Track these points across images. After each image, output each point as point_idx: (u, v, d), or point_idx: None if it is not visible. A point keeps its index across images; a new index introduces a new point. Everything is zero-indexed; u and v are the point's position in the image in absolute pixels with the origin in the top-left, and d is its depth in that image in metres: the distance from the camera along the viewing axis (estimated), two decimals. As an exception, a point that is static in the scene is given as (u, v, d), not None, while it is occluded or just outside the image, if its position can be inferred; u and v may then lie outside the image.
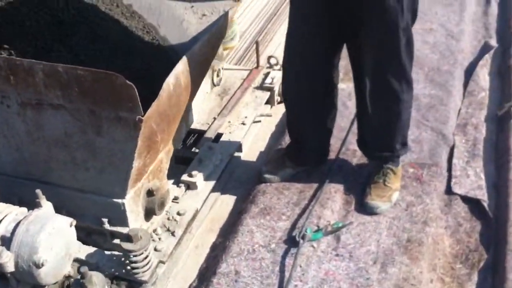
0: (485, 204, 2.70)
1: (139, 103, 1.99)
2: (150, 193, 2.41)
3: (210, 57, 2.78)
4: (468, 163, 2.92)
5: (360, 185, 2.74)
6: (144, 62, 2.74)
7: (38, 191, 2.15)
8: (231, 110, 3.19)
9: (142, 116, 2.00)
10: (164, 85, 2.19)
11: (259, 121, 3.23)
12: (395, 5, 2.27)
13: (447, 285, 2.40)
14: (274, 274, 2.36)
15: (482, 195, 2.74)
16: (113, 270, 2.28)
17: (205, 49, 2.62)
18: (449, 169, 2.87)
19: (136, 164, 2.18)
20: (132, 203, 2.33)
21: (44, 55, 2.50)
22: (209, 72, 3.20)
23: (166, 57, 2.84)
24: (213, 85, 3.31)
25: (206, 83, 3.22)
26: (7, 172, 2.40)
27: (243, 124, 3.12)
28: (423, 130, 3.11)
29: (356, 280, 2.32)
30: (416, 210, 2.64)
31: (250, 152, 3.07)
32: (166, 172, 2.55)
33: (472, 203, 2.72)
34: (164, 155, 2.49)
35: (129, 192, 2.28)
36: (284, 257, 2.42)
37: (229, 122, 3.14)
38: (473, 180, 2.82)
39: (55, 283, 2.18)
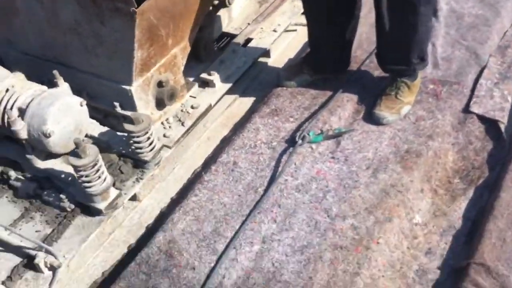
0: (502, 126, 2.70)
1: None
2: (160, 84, 2.66)
3: None
4: (496, 85, 2.89)
5: (374, 97, 2.81)
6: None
7: (55, 72, 2.46)
8: (266, 17, 3.33)
9: (136, 8, 2.22)
10: None
11: (295, 30, 3.34)
12: None
13: (439, 197, 2.49)
14: (269, 168, 2.56)
15: (502, 117, 2.73)
16: (121, 148, 2.58)
17: None
18: (473, 89, 2.86)
19: (139, 54, 2.43)
20: (140, 91, 2.60)
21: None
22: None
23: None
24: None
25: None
26: (38, 55, 2.75)
27: (275, 31, 3.25)
28: (456, 49, 3.08)
29: (344, 181, 2.47)
30: (425, 124, 2.69)
31: (278, 59, 3.21)
32: (182, 68, 2.77)
33: (489, 124, 2.73)
34: (179, 51, 2.72)
35: (136, 80, 2.55)
36: (282, 154, 2.61)
37: (262, 28, 3.28)
38: (496, 102, 2.80)
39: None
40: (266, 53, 3.20)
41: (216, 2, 3.09)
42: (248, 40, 3.24)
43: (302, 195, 2.43)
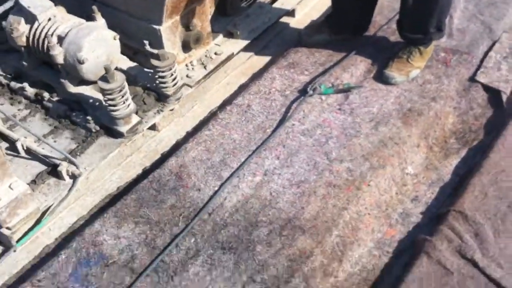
0: (504, 97, 2.89)
1: None
2: (187, 28, 2.94)
3: None
4: (505, 58, 3.07)
5: (387, 59, 3.03)
6: None
7: (94, 7, 2.76)
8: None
9: None
10: None
11: (322, -6, 3.57)
12: None
13: (433, 153, 2.71)
14: (279, 113, 2.82)
15: (505, 88, 2.92)
16: (146, 82, 2.87)
17: None
18: (482, 60, 3.06)
19: None
20: (169, 32, 2.88)
21: None
22: None
23: None
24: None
25: None
26: None
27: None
28: (472, 22, 3.27)
29: (346, 130, 2.71)
30: (431, 87, 2.91)
31: (302, 19, 3.44)
32: (209, 16, 3.04)
33: (492, 93, 2.93)
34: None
35: (165, 21, 2.83)
36: (293, 102, 2.87)
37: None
38: (502, 74, 2.99)
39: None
40: (291, 12, 3.44)
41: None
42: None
43: (306, 138, 2.68)
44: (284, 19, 3.43)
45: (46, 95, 2.90)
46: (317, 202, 2.41)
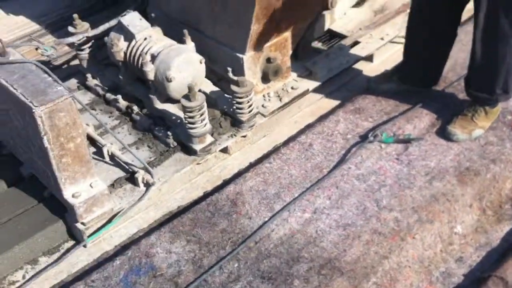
0: None
1: None
2: (268, 60, 2.91)
3: None
4: None
5: (452, 116, 2.83)
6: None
7: (185, 31, 2.80)
8: (377, 26, 3.42)
9: None
10: None
11: (401, 43, 3.40)
12: None
13: (485, 216, 2.51)
14: (338, 155, 2.72)
15: None
16: (224, 107, 2.86)
17: None
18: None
19: (255, 27, 2.71)
20: (251, 61, 2.86)
21: None
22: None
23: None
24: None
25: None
26: (175, 17, 3.09)
27: (382, 39, 3.35)
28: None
29: (401, 181, 2.56)
30: (492, 149, 2.69)
31: (377, 66, 3.29)
32: (290, 52, 2.98)
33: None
34: (290, 36, 2.96)
35: (248, 51, 2.82)
36: (353, 146, 2.75)
37: (371, 35, 3.39)
38: None
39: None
40: (368, 57, 3.31)
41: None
42: (356, 43, 3.37)
43: (360, 183, 2.56)
44: (362, 63, 3.30)
45: (135, 108, 2.96)
46: (360, 247, 2.29)
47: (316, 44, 3.39)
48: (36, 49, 2.69)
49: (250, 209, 2.47)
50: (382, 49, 3.37)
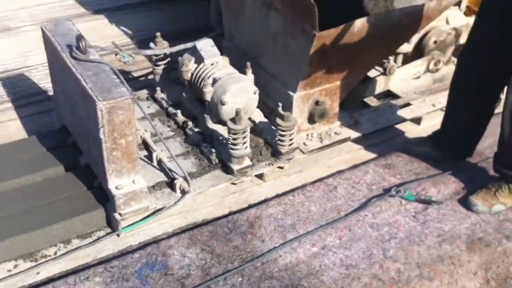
0: None
1: (317, 22, 2.74)
2: (316, 102, 3.17)
3: (407, 33, 3.31)
4: None
5: (478, 188, 2.93)
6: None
7: (248, 63, 3.11)
8: (432, 93, 3.62)
9: (317, 32, 2.75)
10: (348, 24, 2.87)
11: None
12: None
13: (488, 286, 2.58)
14: (358, 202, 2.90)
15: None
16: (268, 137, 3.14)
17: (405, 19, 3.12)
18: None
19: (307, 70, 2.98)
20: (300, 101, 3.14)
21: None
22: (428, 57, 3.64)
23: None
24: (427, 70, 3.72)
25: (421, 64, 3.68)
26: (244, 49, 3.44)
27: (433, 105, 3.53)
28: None
29: (412, 237, 2.70)
30: (509, 226, 2.78)
31: (423, 129, 3.46)
32: (339, 100, 3.23)
33: None
34: (341, 85, 3.20)
35: (299, 90, 3.10)
36: (375, 197, 2.92)
37: (424, 100, 3.57)
38: None
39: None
40: (416, 120, 3.50)
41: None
42: (407, 104, 3.57)
43: (372, 231, 2.72)
44: (408, 124, 3.49)
45: (190, 124, 3.27)
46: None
47: (368, 98, 3.61)
48: (116, 54, 3.05)
49: (265, 233, 2.69)
50: (432, 114, 3.53)
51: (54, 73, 3.15)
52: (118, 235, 2.74)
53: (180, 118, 3.34)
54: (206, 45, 3.26)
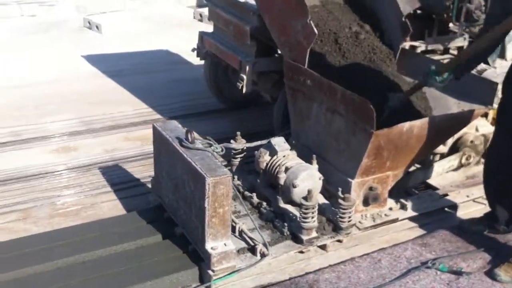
0: None
1: (374, 123, 3.51)
2: (370, 188, 3.92)
3: (445, 135, 4.09)
4: None
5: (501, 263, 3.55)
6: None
7: (314, 156, 3.90)
8: (466, 187, 4.37)
9: (374, 131, 3.54)
10: (399, 125, 3.67)
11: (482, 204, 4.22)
12: None
13: None
14: (400, 272, 3.52)
15: None
16: (330, 215, 3.85)
17: (444, 124, 3.90)
18: None
19: (364, 161, 3.71)
20: (357, 187, 3.86)
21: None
22: (460, 153, 4.44)
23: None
24: (460, 164, 4.48)
25: (454, 159, 4.48)
26: (310, 147, 4.22)
27: (467, 196, 4.30)
28: None
29: (444, 301, 3.33)
30: (528, 294, 3.40)
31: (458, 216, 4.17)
32: (388, 188, 3.98)
33: None
34: (391, 175, 3.94)
35: (357, 177, 3.79)
36: (414, 268, 3.56)
37: (459, 192, 4.32)
38: None
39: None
40: (453, 207, 4.22)
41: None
42: (445, 194, 4.31)
43: (411, 295, 3.35)
44: (445, 212, 4.20)
45: (264, 204, 4.04)
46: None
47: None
48: (210, 146, 3.85)
49: None
50: (467, 204, 4.26)
51: (160, 161, 3.98)
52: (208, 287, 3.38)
53: (255, 199, 4.11)
54: (279, 141, 4.08)
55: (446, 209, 4.23)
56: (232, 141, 4.36)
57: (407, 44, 5.06)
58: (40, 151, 5.08)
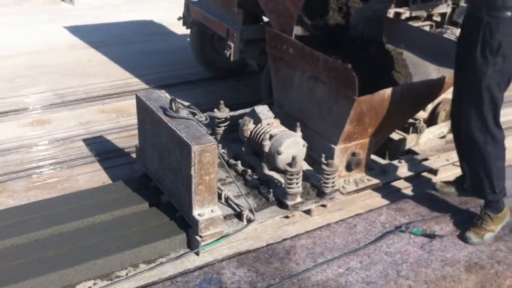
0: None
1: (357, 89, 3.61)
2: (353, 154, 4.03)
3: (429, 98, 4.23)
4: None
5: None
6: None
7: (298, 124, 3.99)
8: (446, 151, 4.53)
9: (357, 97, 3.65)
10: (381, 92, 3.78)
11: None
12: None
13: (482, 300, 3.31)
14: (375, 236, 3.65)
15: None
16: (313, 181, 3.96)
17: (425, 90, 4.03)
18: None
19: (347, 128, 3.83)
20: (340, 152, 3.97)
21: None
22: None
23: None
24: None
25: (446, 125, 4.65)
26: (293, 115, 4.29)
27: (447, 160, 4.47)
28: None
29: (420, 262, 3.44)
30: (500, 254, 3.50)
31: (438, 179, 4.30)
32: (371, 153, 4.11)
33: None
34: (373, 140, 4.07)
35: (339, 144, 3.93)
36: (388, 233, 3.69)
37: (439, 156, 4.48)
38: None
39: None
40: (434, 171, 4.37)
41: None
42: (425, 159, 4.45)
43: (387, 257, 3.47)
44: (426, 175, 4.36)
45: (249, 171, 4.14)
46: (376, 298, 3.18)
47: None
48: (194, 115, 3.80)
49: (298, 258, 3.42)
50: (446, 167, 4.42)
51: (145, 130, 4.03)
52: (197, 253, 3.49)
53: (240, 167, 4.21)
54: (263, 110, 4.17)
55: (426, 173, 4.38)
56: (215, 110, 4.44)
57: (392, 11, 5.12)
58: (15, 124, 5.09)
